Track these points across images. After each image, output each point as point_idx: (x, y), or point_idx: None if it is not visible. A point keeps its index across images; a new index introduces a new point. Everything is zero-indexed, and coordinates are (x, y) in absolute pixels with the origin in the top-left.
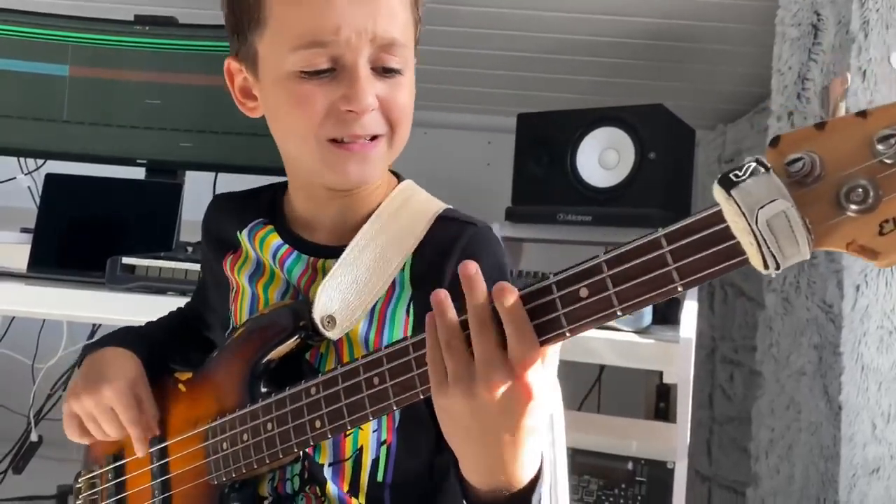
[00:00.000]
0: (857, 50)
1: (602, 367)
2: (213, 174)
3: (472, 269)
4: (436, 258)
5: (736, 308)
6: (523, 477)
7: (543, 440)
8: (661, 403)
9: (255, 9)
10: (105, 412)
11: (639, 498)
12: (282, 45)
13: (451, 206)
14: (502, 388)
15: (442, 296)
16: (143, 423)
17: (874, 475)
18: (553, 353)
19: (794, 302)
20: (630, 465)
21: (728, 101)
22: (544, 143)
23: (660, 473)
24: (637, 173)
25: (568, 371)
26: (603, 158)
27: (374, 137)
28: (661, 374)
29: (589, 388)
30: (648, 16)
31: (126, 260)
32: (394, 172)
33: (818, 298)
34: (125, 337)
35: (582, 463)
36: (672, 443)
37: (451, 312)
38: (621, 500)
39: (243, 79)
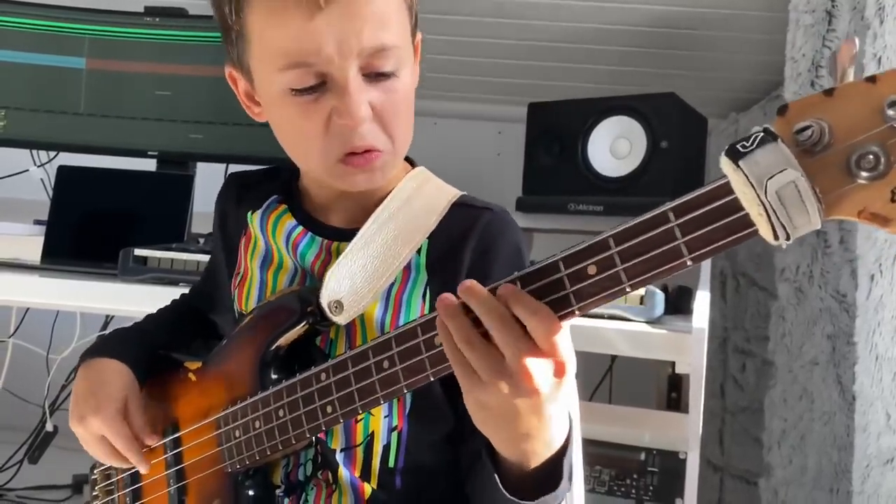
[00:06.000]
0: (872, 37)
1: (614, 358)
2: (223, 165)
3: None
4: (453, 244)
5: (748, 298)
6: (556, 438)
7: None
8: (673, 393)
9: (238, 26)
10: (98, 442)
11: (651, 488)
12: (267, 64)
13: (466, 193)
14: (541, 373)
15: (446, 301)
16: (136, 446)
17: (888, 465)
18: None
19: (807, 292)
20: (642, 456)
21: (740, 90)
22: (555, 133)
23: (672, 463)
24: (649, 162)
25: (579, 361)
26: (614, 148)
27: (374, 151)
28: (673, 364)
29: (601, 379)
30: (659, 3)
31: (138, 251)
32: (408, 158)
33: (832, 288)
34: (119, 343)
35: (594, 453)
36: (684, 433)
37: (460, 314)
38: (633, 491)
39: (245, 83)
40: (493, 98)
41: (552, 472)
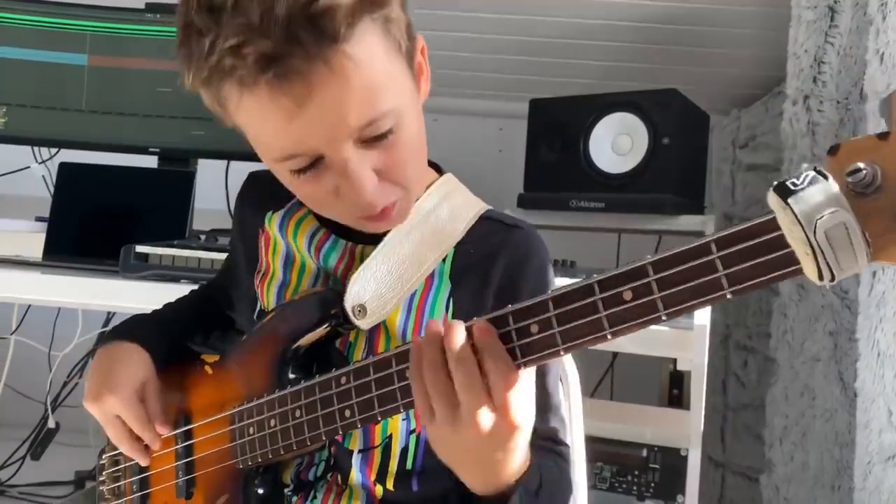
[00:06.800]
0: (874, 32)
1: (615, 354)
2: (225, 162)
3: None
4: (481, 258)
5: (750, 294)
6: (504, 480)
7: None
8: (674, 390)
9: (226, 117)
10: (112, 421)
11: (652, 485)
12: (260, 150)
13: (493, 208)
14: (488, 426)
15: (434, 327)
16: (152, 428)
17: (890, 462)
18: (528, 374)
19: (809, 288)
20: (643, 452)
21: (742, 86)
22: (557, 129)
23: (673, 460)
24: (650, 159)
25: (581, 358)
26: (616, 144)
27: (389, 205)
28: (674, 360)
29: (602, 375)
30: None
31: (140, 248)
32: (434, 165)
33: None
34: (139, 328)
35: (595, 450)
36: (686, 430)
37: (438, 347)
38: (634, 487)
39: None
40: (494, 94)
41: None
